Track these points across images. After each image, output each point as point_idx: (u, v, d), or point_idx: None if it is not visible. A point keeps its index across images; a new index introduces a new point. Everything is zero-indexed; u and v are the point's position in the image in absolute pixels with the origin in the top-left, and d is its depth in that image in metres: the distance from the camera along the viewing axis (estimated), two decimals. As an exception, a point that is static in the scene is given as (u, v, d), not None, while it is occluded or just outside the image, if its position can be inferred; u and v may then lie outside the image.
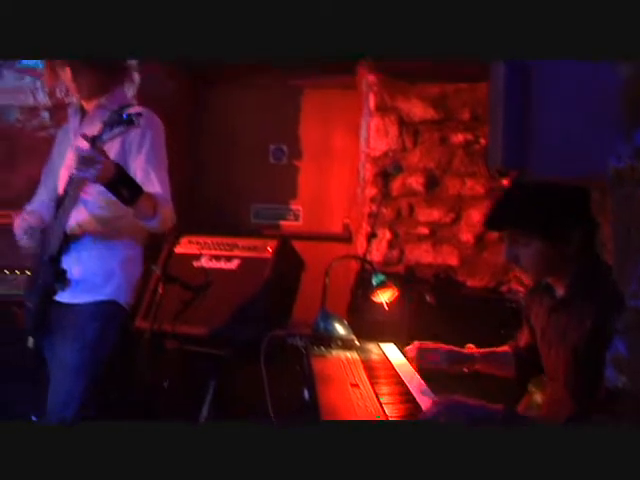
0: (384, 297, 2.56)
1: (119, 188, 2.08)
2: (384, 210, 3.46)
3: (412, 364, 2.06)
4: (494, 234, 3.35)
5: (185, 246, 3.03)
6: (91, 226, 2.31)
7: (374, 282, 2.55)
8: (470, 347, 2.11)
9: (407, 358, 2.12)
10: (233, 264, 2.88)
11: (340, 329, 2.30)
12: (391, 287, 2.57)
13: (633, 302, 1.02)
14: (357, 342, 2.28)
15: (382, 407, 1.65)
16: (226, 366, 2.77)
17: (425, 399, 1.75)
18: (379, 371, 2.02)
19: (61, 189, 2.33)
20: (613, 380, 1.01)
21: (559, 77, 1.27)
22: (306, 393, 1.74)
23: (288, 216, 4.05)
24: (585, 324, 1.64)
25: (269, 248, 2.86)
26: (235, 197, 4.07)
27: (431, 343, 2.10)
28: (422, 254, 3.51)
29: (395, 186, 3.51)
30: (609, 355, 1.03)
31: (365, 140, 3.62)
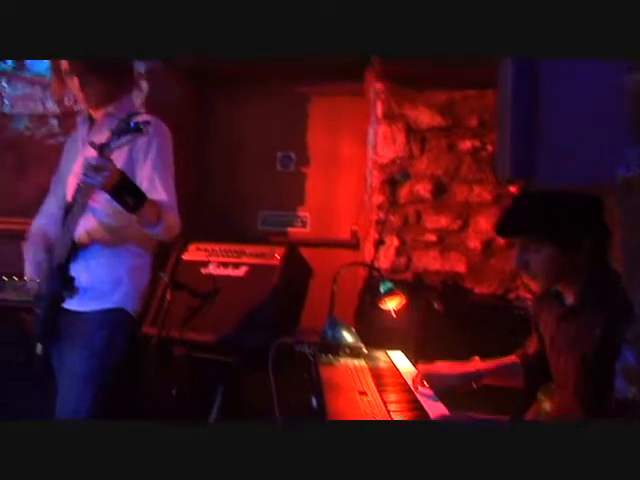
0: (392, 304, 2.56)
1: (123, 195, 2.08)
2: (392, 217, 3.45)
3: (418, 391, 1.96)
4: (502, 241, 3.35)
5: (193, 253, 3.03)
6: (99, 234, 2.32)
7: (382, 289, 2.55)
8: (476, 360, 2.06)
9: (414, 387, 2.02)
10: (241, 271, 2.88)
11: (348, 337, 2.30)
12: (399, 294, 2.56)
13: (643, 311, 1.02)
14: (365, 350, 2.28)
15: (390, 415, 1.64)
16: (234, 373, 2.76)
17: (432, 404, 1.74)
18: (387, 379, 2.01)
19: (69, 197, 2.34)
20: (623, 391, 1.01)
21: (568, 83, 1.27)
22: (314, 401, 1.73)
23: (296, 223, 4.05)
24: (595, 332, 1.64)
25: (277, 255, 2.85)
26: (242, 204, 4.07)
27: (432, 366, 2.03)
28: (430, 261, 3.50)
29: (402, 193, 3.51)
30: (619, 365, 1.02)
31: (372, 147, 3.62)
